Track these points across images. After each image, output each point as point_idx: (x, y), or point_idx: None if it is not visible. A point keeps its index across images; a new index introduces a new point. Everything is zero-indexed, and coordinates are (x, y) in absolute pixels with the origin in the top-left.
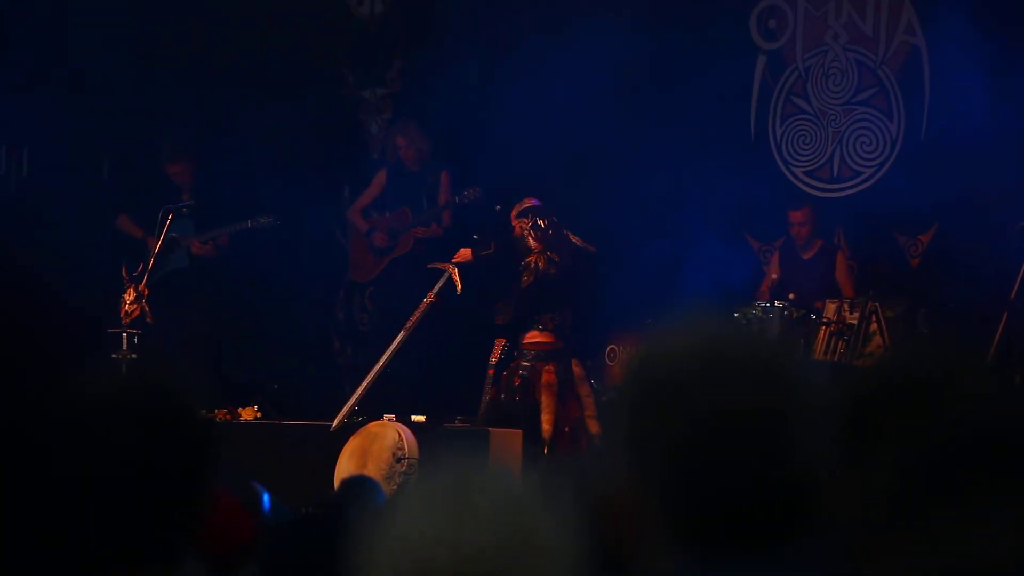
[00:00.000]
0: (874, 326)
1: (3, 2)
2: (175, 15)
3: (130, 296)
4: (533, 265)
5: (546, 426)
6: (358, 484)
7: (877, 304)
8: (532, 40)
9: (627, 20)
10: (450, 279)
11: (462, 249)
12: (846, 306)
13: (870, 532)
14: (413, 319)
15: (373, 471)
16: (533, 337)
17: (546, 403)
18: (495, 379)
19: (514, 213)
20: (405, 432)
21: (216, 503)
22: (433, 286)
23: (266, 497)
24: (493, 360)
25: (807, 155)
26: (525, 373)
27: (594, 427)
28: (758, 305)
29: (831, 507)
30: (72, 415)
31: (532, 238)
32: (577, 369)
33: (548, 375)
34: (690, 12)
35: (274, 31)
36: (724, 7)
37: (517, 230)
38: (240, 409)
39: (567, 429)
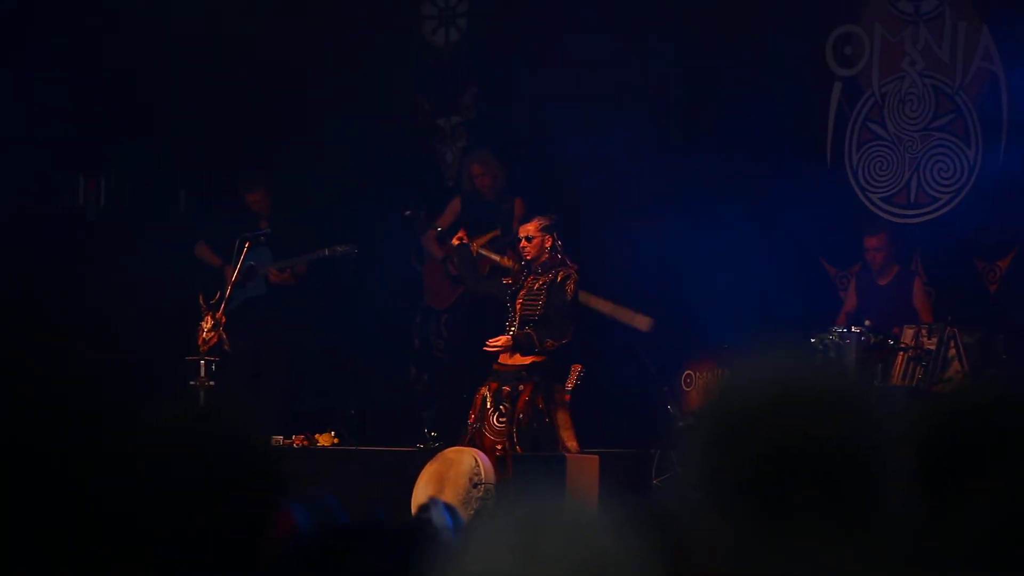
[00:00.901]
0: (952, 352)
1: (75, 33)
2: (251, 46)
3: (208, 324)
4: (570, 276)
5: (573, 443)
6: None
7: (955, 330)
8: (606, 66)
9: (704, 45)
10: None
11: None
12: (924, 332)
13: (956, 565)
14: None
15: (450, 497)
16: (535, 358)
17: (565, 420)
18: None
19: (538, 225)
20: (482, 458)
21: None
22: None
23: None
24: (570, 386)
25: (884, 181)
26: (542, 393)
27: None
28: (835, 331)
29: (913, 539)
30: (144, 444)
31: (556, 252)
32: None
33: (562, 393)
34: (766, 38)
35: (350, 59)
36: (800, 33)
37: (539, 242)
38: (317, 435)
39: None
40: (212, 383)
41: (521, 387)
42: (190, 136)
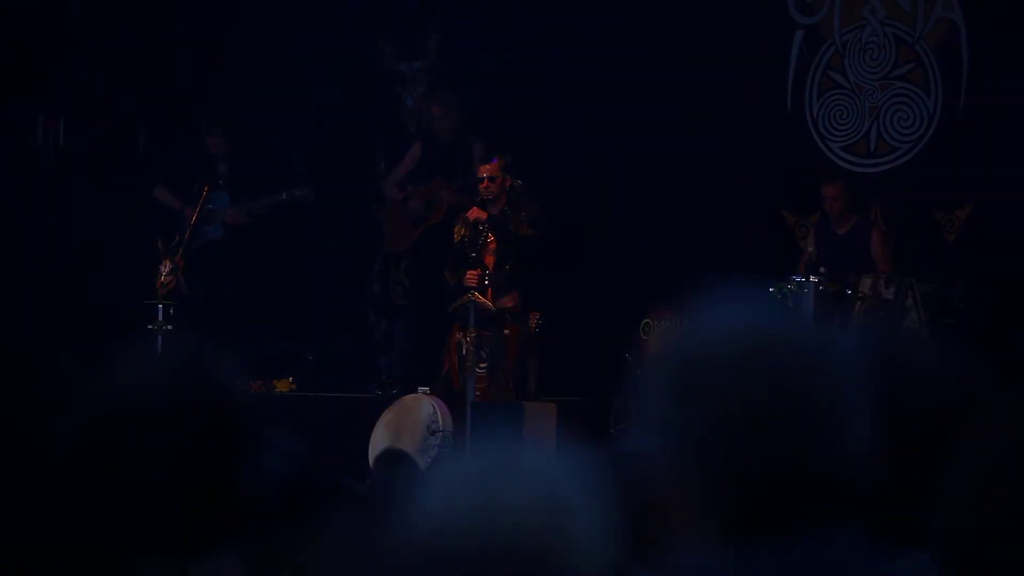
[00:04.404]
0: (910, 301)
1: None
2: None
3: (166, 268)
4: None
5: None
6: (394, 457)
7: (913, 280)
8: (569, 12)
9: None
10: (475, 306)
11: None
12: (882, 281)
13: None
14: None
15: (408, 444)
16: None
17: (534, 365)
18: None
19: (499, 164)
20: (439, 405)
21: None
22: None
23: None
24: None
25: (844, 130)
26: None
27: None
28: (793, 280)
29: (876, 492)
30: (107, 401)
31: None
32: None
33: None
34: None
35: (311, 2)
36: None
37: (500, 182)
38: (275, 381)
39: None
40: (170, 327)
41: (507, 331)
42: (149, 76)
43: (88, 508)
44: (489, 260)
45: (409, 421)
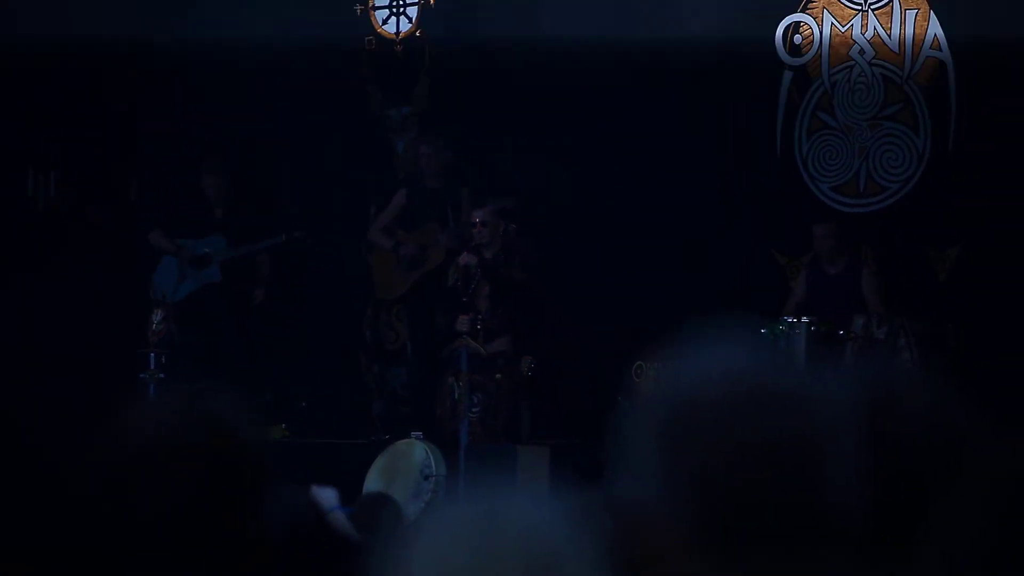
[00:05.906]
0: (902, 340)
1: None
2: (204, 32)
3: (158, 316)
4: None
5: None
6: (379, 501)
7: (904, 319)
8: (557, 55)
9: (652, 34)
10: (467, 351)
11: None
12: (874, 321)
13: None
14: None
15: (401, 489)
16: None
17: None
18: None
19: (492, 210)
20: (433, 449)
21: None
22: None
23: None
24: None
25: (833, 171)
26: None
27: None
28: (785, 321)
29: (861, 528)
30: (119, 446)
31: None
32: None
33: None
34: (715, 27)
35: (301, 49)
36: (749, 22)
37: (493, 228)
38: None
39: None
40: (162, 376)
41: (499, 375)
42: (139, 122)
43: (100, 549)
44: (481, 304)
45: (403, 466)
